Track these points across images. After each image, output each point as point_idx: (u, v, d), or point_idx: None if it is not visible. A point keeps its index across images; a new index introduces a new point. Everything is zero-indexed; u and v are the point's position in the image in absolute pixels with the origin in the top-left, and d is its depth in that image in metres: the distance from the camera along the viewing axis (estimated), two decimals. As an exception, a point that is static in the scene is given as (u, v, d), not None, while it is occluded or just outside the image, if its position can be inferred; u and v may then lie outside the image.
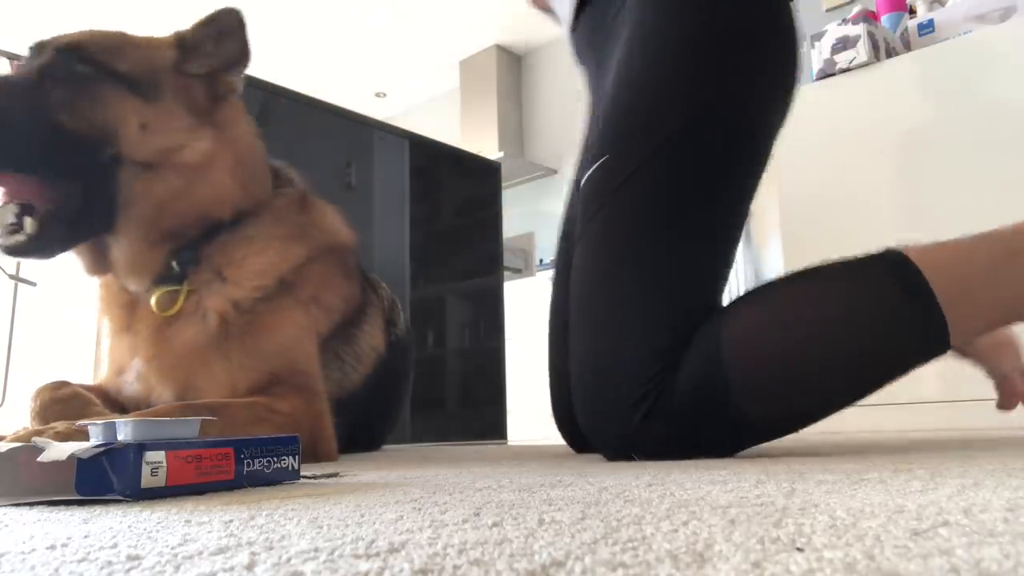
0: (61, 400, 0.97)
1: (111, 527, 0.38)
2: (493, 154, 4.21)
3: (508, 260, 3.20)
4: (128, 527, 0.38)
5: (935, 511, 0.34)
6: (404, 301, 2.29)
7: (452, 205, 2.65)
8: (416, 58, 4.89)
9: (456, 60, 4.89)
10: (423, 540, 0.31)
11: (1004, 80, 1.89)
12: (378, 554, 0.28)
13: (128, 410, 1.03)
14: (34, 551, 0.31)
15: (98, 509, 0.48)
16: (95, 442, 0.53)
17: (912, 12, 2.27)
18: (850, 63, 2.11)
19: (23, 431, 0.80)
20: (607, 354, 0.86)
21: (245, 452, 0.59)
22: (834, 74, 2.16)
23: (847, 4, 2.31)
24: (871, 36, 2.10)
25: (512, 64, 4.86)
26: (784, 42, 0.93)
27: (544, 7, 1.28)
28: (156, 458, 0.52)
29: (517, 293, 3.64)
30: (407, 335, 1.52)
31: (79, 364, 1.58)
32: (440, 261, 2.51)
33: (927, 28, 2.11)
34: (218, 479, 0.56)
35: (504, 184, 2.74)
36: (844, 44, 2.12)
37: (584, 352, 0.89)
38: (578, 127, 1.18)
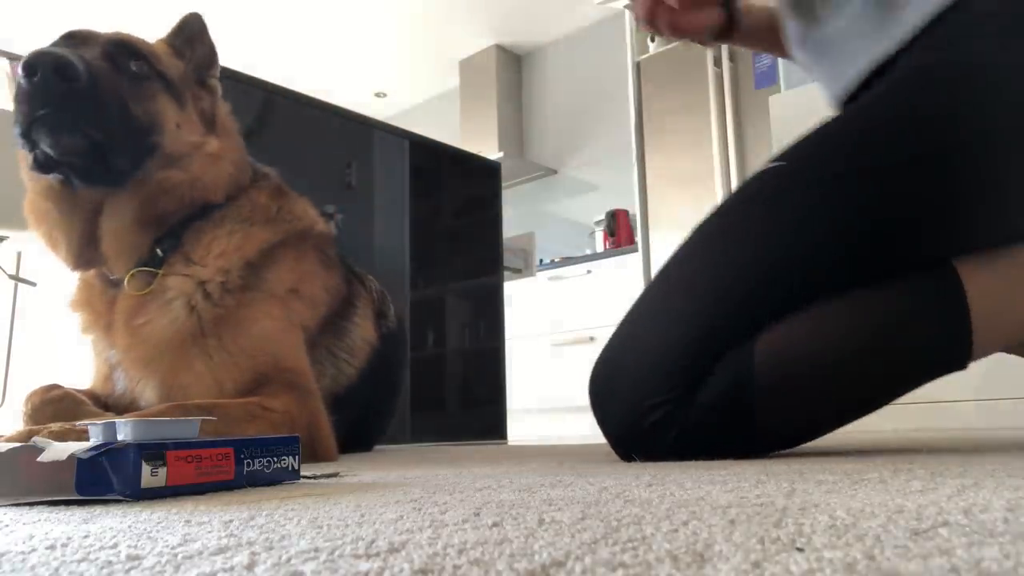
0: (52, 402, 0.98)
1: (111, 527, 0.38)
2: (493, 154, 4.21)
3: (508, 260, 3.20)
4: (128, 527, 0.38)
5: (935, 511, 0.34)
6: (404, 301, 2.29)
7: (452, 205, 2.65)
8: (416, 58, 4.89)
9: (456, 60, 4.88)
10: (423, 540, 0.31)
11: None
12: (378, 554, 0.28)
13: (119, 413, 1.03)
14: (34, 551, 0.31)
15: (98, 509, 0.48)
16: (95, 442, 0.53)
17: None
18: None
19: (17, 433, 0.80)
20: (643, 343, 0.85)
21: (245, 452, 0.59)
22: (834, 74, 2.15)
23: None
24: (871, 36, 2.09)
25: (512, 64, 4.85)
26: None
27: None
28: (156, 458, 0.52)
29: (517, 293, 3.64)
30: (399, 327, 1.52)
31: (79, 364, 1.58)
32: (440, 261, 2.51)
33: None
34: (218, 479, 0.57)
35: (504, 184, 2.74)
36: (844, 44, 2.12)
37: (625, 335, 0.89)
38: (578, 127, 1.17)
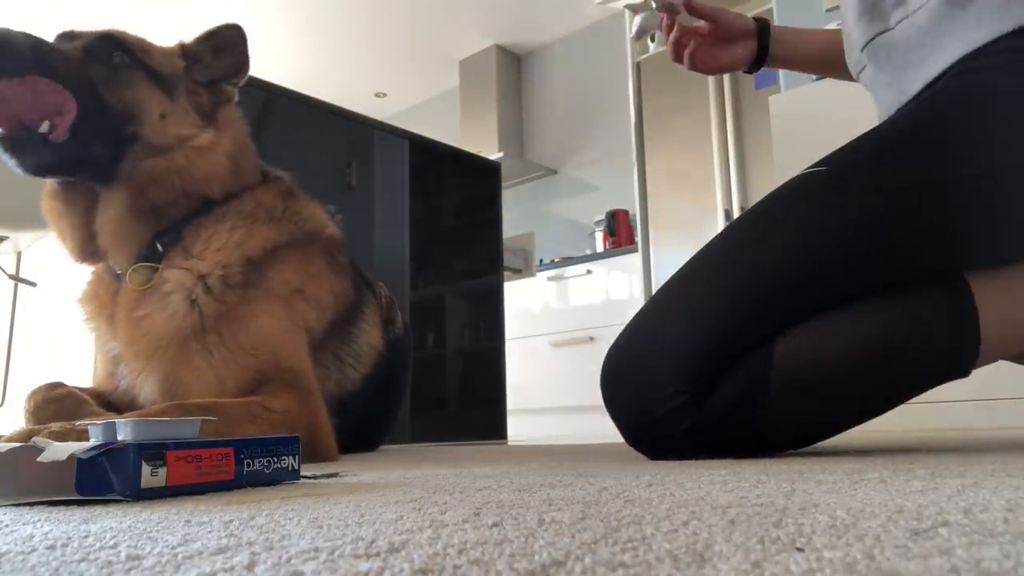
0: (55, 400, 0.98)
1: (111, 527, 0.38)
2: (493, 154, 4.21)
3: (508, 260, 3.20)
4: (128, 527, 0.38)
5: (935, 511, 0.34)
6: (404, 301, 2.29)
7: (452, 205, 2.65)
8: (416, 58, 4.88)
9: (456, 60, 4.88)
10: (423, 540, 0.31)
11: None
12: (378, 554, 0.28)
13: (122, 410, 1.03)
14: (34, 551, 0.31)
15: (98, 509, 0.48)
16: (95, 442, 0.53)
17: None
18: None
19: (17, 432, 0.80)
20: (668, 334, 0.84)
21: (245, 452, 0.59)
22: (834, 74, 2.15)
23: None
24: (871, 36, 2.09)
25: (512, 64, 4.85)
26: None
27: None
28: (156, 458, 0.52)
29: (517, 293, 3.64)
30: (406, 334, 1.52)
31: (79, 364, 1.58)
32: (440, 261, 2.51)
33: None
34: (218, 479, 0.56)
35: (504, 184, 2.74)
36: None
37: (648, 324, 0.89)
38: (578, 127, 1.17)
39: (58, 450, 0.51)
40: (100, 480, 0.51)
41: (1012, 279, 0.81)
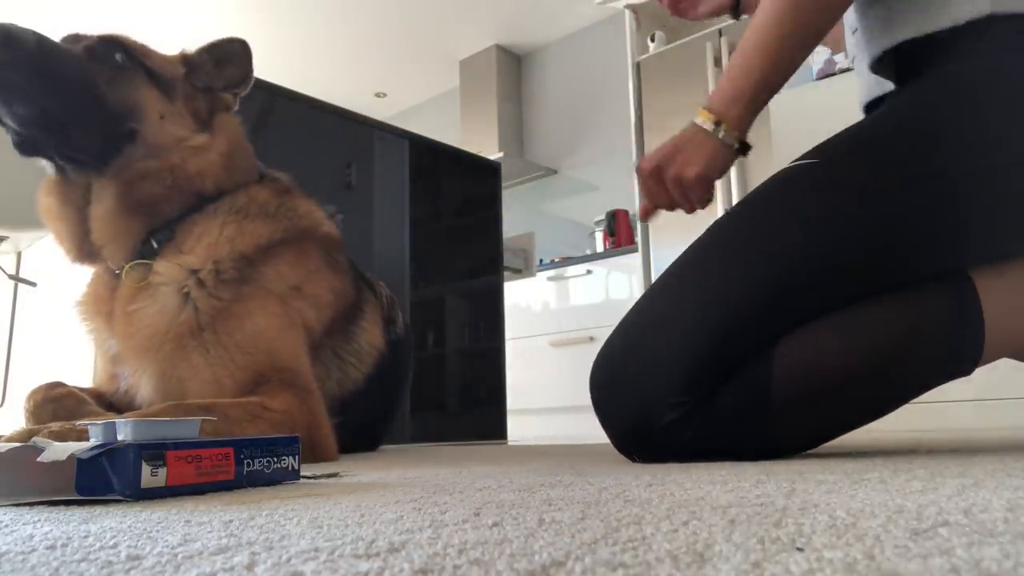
0: (55, 400, 0.99)
1: (111, 527, 0.38)
2: (493, 154, 4.20)
3: (508, 260, 3.20)
4: (128, 527, 0.38)
5: (935, 511, 0.34)
6: (404, 301, 2.29)
7: (452, 205, 2.64)
8: (416, 58, 4.88)
9: (456, 60, 4.88)
10: (423, 540, 0.31)
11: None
12: (378, 554, 0.28)
13: (122, 411, 1.03)
14: (34, 551, 0.31)
15: (98, 509, 0.48)
16: (95, 442, 0.53)
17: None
18: (851, 63, 2.11)
19: (17, 432, 0.80)
20: (661, 342, 0.82)
21: (245, 452, 0.59)
22: (834, 74, 2.16)
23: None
24: (871, 36, 2.10)
25: (512, 64, 4.85)
26: None
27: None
28: (156, 458, 0.52)
29: (517, 293, 3.64)
30: (407, 334, 1.52)
31: (79, 364, 1.58)
32: (440, 261, 2.51)
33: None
34: (218, 479, 0.56)
35: (504, 184, 2.74)
36: (844, 44, 2.12)
37: (639, 332, 0.86)
38: (577, 127, 1.17)
39: (58, 450, 0.51)
40: (100, 480, 0.51)
41: (1016, 274, 0.80)
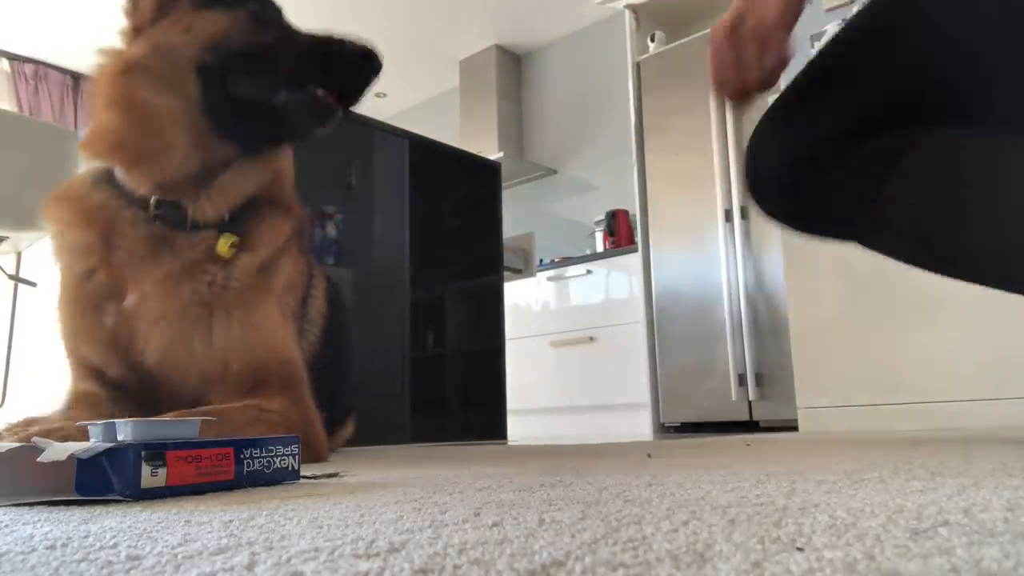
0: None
1: (111, 527, 0.38)
2: (493, 154, 4.20)
3: (508, 260, 3.20)
4: (128, 527, 0.38)
5: (935, 511, 0.34)
6: (404, 301, 2.29)
7: (452, 205, 2.64)
8: (416, 58, 4.88)
9: (456, 60, 4.88)
10: (423, 540, 0.31)
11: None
12: (378, 554, 0.28)
13: (131, 384, 1.01)
14: (34, 551, 0.31)
15: (98, 509, 0.48)
16: (95, 442, 0.53)
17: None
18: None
19: (16, 423, 0.80)
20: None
21: (245, 452, 0.59)
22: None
23: (847, 4, 2.31)
24: (871, 36, 2.10)
25: (512, 64, 4.85)
26: None
27: None
28: (156, 458, 0.52)
29: (517, 293, 3.64)
30: (336, 292, 1.52)
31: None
32: (440, 261, 2.51)
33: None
34: (218, 479, 0.56)
35: (504, 184, 2.74)
36: (844, 44, 2.12)
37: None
38: (578, 127, 1.17)
39: (58, 450, 0.51)
40: (100, 480, 0.51)
41: None
